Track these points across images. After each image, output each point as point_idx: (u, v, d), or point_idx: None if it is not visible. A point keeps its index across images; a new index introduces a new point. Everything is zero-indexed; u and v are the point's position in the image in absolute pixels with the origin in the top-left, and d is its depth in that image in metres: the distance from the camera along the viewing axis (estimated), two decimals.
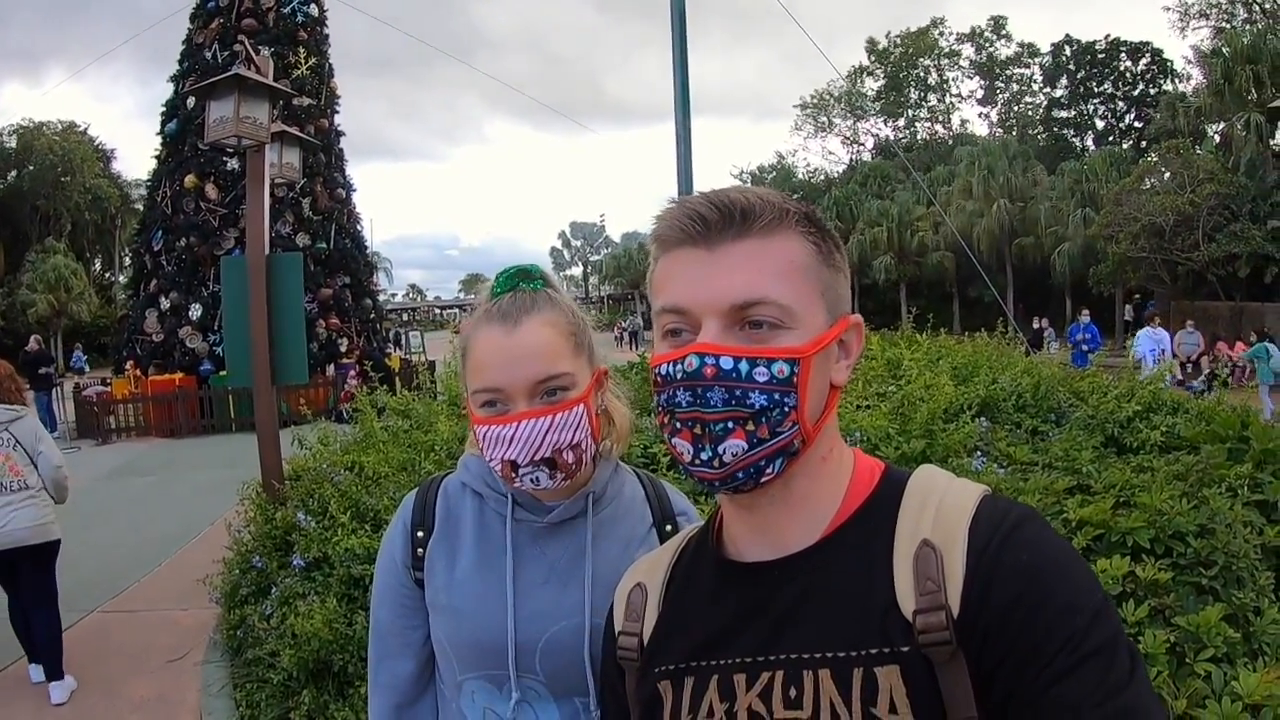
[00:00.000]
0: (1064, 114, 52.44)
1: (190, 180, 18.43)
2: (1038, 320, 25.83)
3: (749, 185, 0.96)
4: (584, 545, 1.41)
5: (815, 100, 59.22)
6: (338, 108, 21.14)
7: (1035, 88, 54.89)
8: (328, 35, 20.70)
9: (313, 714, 3.91)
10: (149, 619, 6.20)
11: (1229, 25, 37.33)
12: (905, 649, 0.83)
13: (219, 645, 5.36)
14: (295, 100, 17.85)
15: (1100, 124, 51.26)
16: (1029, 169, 41.10)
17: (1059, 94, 52.47)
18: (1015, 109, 55.65)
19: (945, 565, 0.84)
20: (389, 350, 22.61)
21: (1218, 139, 32.85)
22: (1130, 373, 5.39)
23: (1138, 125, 48.02)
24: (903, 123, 58.28)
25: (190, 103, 17.75)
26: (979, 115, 58.16)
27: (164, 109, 19.68)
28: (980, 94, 56.75)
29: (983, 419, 4.44)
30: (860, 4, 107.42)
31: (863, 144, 59.49)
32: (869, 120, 59.66)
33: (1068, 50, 51.08)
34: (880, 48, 57.65)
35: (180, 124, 18.75)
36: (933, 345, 6.90)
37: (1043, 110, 53.77)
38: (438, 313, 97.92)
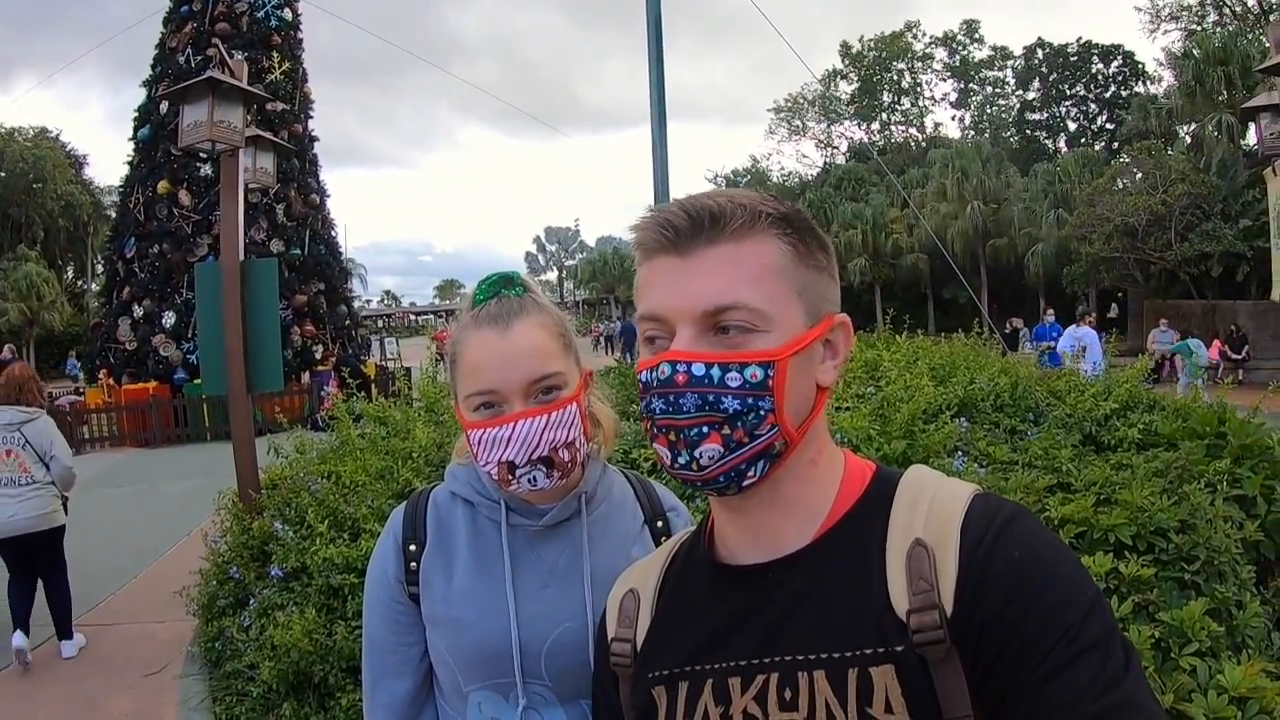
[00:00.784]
0: (1036, 116, 53.11)
1: (163, 186, 18.21)
2: (1010, 323, 26.02)
3: (727, 189, 0.95)
4: (580, 546, 1.40)
5: (789, 104, 59.57)
6: (312, 113, 20.97)
7: (1008, 90, 55.49)
8: (302, 40, 20.51)
9: None
10: (126, 632, 6.11)
11: (1200, 28, 37.82)
12: (900, 648, 0.82)
13: (197, 658, 5.28)
14: (269, 105, 17.70)
15: (1073, 126, 52.00)
16: (1002, 171, 41.57)
17: (1031, 96, 53.18)
18: (988, 112, 56.21)
19: (938, 564, 0.84)
20: (364, 357, 22.44)
21: (1189, 140, 33.29)
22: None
23: (1110, 127, 48.73)
24: (877, 126, 58.64)
25: (164, 108, 17.58)
26: (952, 118, 58.78)
27: (136, 114, 19.43)
28: (954, 97, 57.28)
29: (962, 419, 4.44)
30: (834, 8, 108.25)
31: (837, 147, 59.88)
32: (843, 124, 60.02)
33: (1040, 53, 51.81)
34: (854, 51, 57.97)
35: (153, 129, 18.53)
36: (910, 346, 6.92)
37: (1015, 113, 54.43)
38: (413, 319, 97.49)
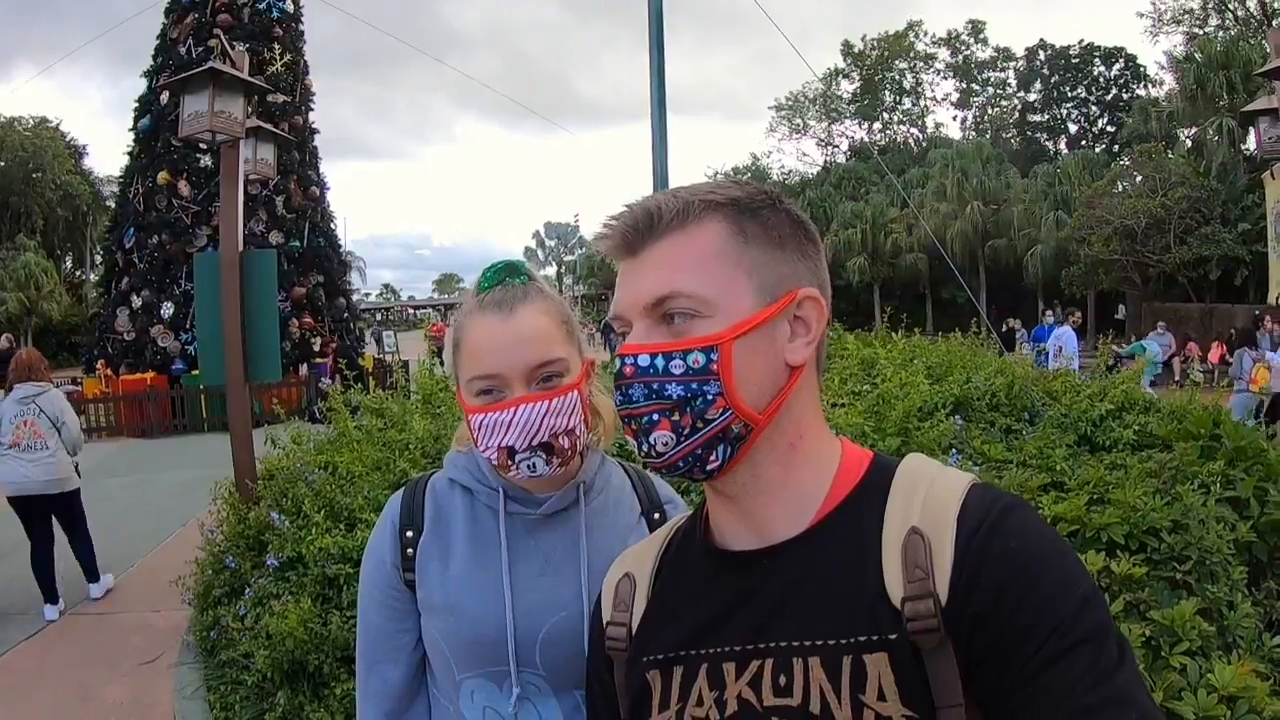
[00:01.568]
0: (1037, 118, 52.99)
1: (163, 177, 18.17)
2: (1007, 323, 26.04)
3: (683, 185, 0.97)
4: (578, 535, 1.40)
5: (790, 102, 59.28)
6: (312, 105, 20.90)
7: (1009, 91, 55.35)
8: (303, 32, 20.44)
9: (288, 716, 3.87)
10: (122, 621, 6.12)
11: (1201, 32, 37.73)
12: (894, 636, 0.83)
13: (192, 647, 5.29)
14: (270, 97, 17.60)
15: (1073, 128, 51.89)
16: (1002, 172, 41.50)
17: (1033, 98, 53.02)
18: (989, 112, 56.03)
19: (934, 553, 0.84)
20: (363, 350, 22.40)
21: (1190, 143, 33.29)
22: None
23: (1110, 129, 48.63)
24: (878, 125, 58.52)
25: (164, 98, 17.47)
26: (953, 118, 58.49)
27: (137, 105, 19.39)
28: (955, 97, 57.13)
29: (957, 417, 4.45)
30: (836, 6, 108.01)
31: (837, 146, 59.66)
32: (844, 123, 59.87)
33: (1042, 55, 51.67)
34: (856, 50, 57.80)
35: (153, 120, 18.48)
36: (907, 345, 6.92)
37: (1016, 114, 54.24)
38: (412, 312, 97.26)
